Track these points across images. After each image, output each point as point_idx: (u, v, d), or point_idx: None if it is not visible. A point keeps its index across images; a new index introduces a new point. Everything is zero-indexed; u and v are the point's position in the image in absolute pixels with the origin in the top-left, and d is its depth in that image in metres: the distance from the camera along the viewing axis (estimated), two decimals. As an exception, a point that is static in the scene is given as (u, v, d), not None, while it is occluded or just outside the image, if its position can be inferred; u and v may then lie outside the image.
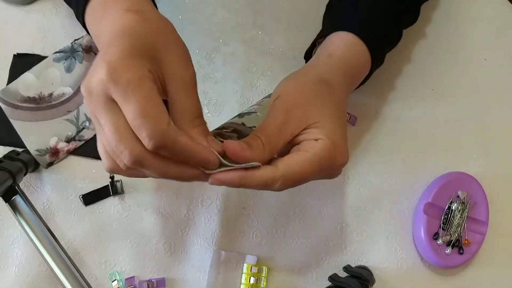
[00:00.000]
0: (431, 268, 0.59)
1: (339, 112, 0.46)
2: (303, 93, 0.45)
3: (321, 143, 0.42)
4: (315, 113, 0.44)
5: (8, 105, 0.58)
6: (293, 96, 0.45)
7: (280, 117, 0.43)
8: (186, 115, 0.39)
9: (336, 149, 0.43)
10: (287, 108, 0.44)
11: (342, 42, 0.51)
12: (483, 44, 0.65)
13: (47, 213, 0.57)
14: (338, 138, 0.43)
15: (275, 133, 0.42)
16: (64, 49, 0.60)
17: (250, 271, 0.56)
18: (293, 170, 0.41)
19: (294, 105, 0.44)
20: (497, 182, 0.62)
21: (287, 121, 0.43)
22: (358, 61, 0.51)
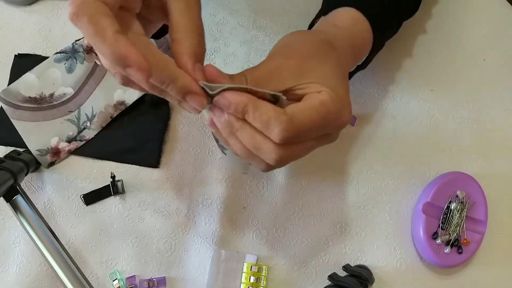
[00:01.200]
0: (430, 267, 0.59)
1: (343, 72, 0.43)
2: (307, 45, 0.43)
3: (327, 94, 0.39)
4: (316, 67, 0.41)
5: (9, 105, 0.59)
6: (296, 45, 0.43)
7: (275, 61, 0.41)
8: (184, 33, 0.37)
9: (342, 102, 0.40)
10: (286, 54, 0.41)
11: (347, 17, 0.50)
12: (482, 44, 0.66)
13: (48, 213, 0.57)
14: (343, 93, 0.41)
15: (264, 75, 0.40)
16: (65, 49, 0.60)
17: (250, 270, 0.57)
18: (299, 116, 0.37)
19: (294, 53, 0.42)
20: (496, 181, 0.62)
21: (282, 66, 0.40)
22: (362, 37, 0.51)
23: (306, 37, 0.45)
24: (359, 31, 0.50)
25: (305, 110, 0.38)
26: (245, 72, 0.40)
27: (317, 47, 0.43)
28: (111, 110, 0.59)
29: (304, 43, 0.43)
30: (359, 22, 0.50)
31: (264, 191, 0.59)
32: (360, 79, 0.63)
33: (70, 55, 0.60)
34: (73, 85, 0.60)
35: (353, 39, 0.49)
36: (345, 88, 0.42)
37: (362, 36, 0.51)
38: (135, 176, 0.59)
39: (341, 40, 0.46)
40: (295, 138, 0.38)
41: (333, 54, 0.43)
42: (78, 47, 0.61)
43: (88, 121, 0.59)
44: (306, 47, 0.43)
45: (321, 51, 0.43)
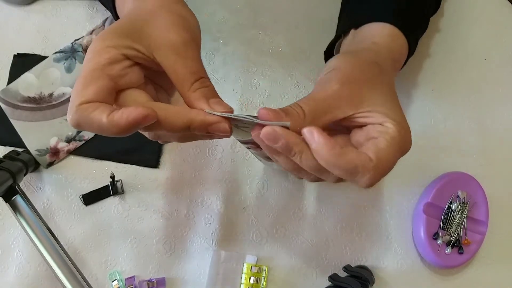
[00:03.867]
0: (430, 268, 0.59)
1: (394, 93, 0.42)
2: (360, 68, 0.41)
3: (394, 127, 0.38)
4: (372, 93, 0.40)
5: (8, 105, 0.58)
6: (348, 71, 0.41)
7: (330, 88, 0.39)
8: (182, 82, 0.38)
9: (406, 130, 0.39)
10: (341, 81, 0.40)
11: (384, 33, 0.49)
12: (483, 44, 0.65)
13: (47, 213, 0.57)
14: (402, 118, 0.40)
15: (322, 105, 0.38)
16: (64, 49, 0.60)
17: (250, 271, 0.57)
18: (383, 160, 0.37)
19: (348, 79, 0.40)
20: (497, 182, 0.62)
21: (340, 94, 0.39)
22: (400, 52, 0.50)
23: (355, 61, 0.43)
24: (398, 46, 0.49)
25: (387, 152, 0.37)
26: (300, 103, 0.38)
27: (369, 71, 0.42)
28: (111, 110, 0.59)
29: (355, 68, 0.42)
30: (396, 38, 0.49)
31: (264, 191, 0.59)
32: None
33: (69, 55, 0.60)
34: (72, 84, 0.59)
35: (393, 55, 0.48)
36: (401, 112, 0.41)
37: (400, 51, 0.50)
38: (135, 176, 0.59)
39: (384, 59, 0.45)
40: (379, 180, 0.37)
41: (384, 78, 0.43)
42: (78, 46, 0.61)
43: (88, 121, 0.59)
44: (358, 72, 0.41)
45: (373, 76, 0.42)
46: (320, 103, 0.39)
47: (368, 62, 0.43)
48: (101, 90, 0.36)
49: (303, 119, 0.37)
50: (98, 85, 0.36)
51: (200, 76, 0.39)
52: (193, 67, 0.38)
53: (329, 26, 0.58)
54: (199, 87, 0.38)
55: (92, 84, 0.36)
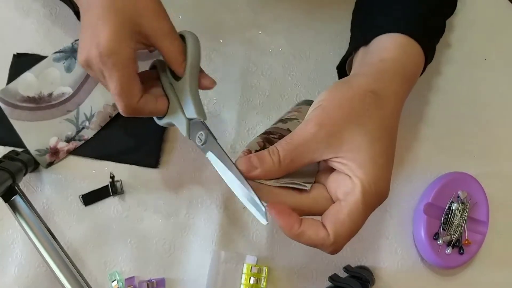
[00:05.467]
0: (431, 268, 0.59)
1: (385, 131, 0.41)
2: (344, 107, 0.40)
3: (360, 185, 0.38)
4: (352, 136, 0.39)
5: (8, 105, 0.58)
6: (332, 109, 0.40)
7: (310, 130, 0.39)
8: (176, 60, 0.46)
9: (377, 185, 0.38)
10: (322, 122, 0.39)
11: (394, 45, 0.46)
12: (483, 44, 0.65)
13: (46, 213, 0.57)
14: (377, 173, 0.38)
15: (299, 148, 0.39)
16: (64, 49, 0.60)
17: (250, 271, 0.56)
18: (343, 235, 0.38)
19: (330, 120, 0.39)
20: (498, 182, 0.61)
21: (317, 137, 0.39)
22: (414, 63, 0.47)
23: (342, 95, 0.41)
24: (411, 57, 0.46)
25: (348, 225, 0.38)
26: (278, 146, 0.39)
27: (359, 107, 0.40)
28: (110, 109, 0.59)
29: (342, 106, 0.40)
30: (408, 48, 0.46)
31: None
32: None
33: (69, 55, 0.60)
34: (72, 84, 0.59)
35: (405, 69, 0.45)
36: (384, 159, 0.40)
37: (414, 62, 0.47)
38: (134, 176, 0.58)
39: (389, 79, 0.43)
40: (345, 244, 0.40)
41: (377, 111, 0.40)
42: (77, 46, 0.60)
43: (87, 121, 0.59)
44: (346, 111, 0.40)
45: (362, 111, 0.40)
46: (297, 147, 0.39)
47: (362, 93, 0.41)
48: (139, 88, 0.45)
49: (278, 168, 0.39)
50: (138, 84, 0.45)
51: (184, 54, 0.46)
52: (180, 47, 0.46)
53: (329, 26, 0.58)
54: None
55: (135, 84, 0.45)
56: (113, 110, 0.59)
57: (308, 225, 0.39)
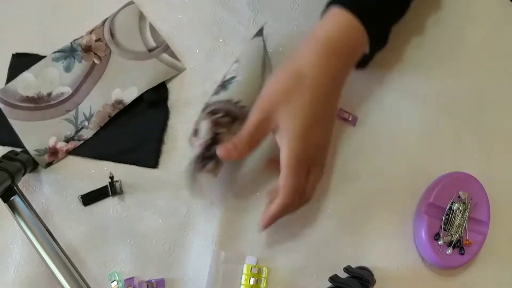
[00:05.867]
0: (432, 268, 0.59)
1: (308, 108, 0.49)
2: (276, 90, 0.50)
3: (284, 157, 0.49)
4: (282, 114, 0.49)
5: (7, 105, 0.58)
6: (268, 93, 0.50)
7: (257, 117, 0.50)
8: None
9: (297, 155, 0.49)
10: (263, 108, 0.50)
11: (333, 22, 0.51)
12: (484, 43, 0.65)
13: (46, 214, 0.57)
14: (297, 143, 0.49)
15: (255, 133, 0.50)
16: (63, 48, 0.60)
17: (250, 271, 0.56)
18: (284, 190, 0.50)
19: (268, 105, 0.50)
20: (499, 182, 0.61)
21: (262, 122, 0.50)
22: (352, 41, 0.51)
23: (279, 77, 0.51)
24: (348, 33, 0.50)
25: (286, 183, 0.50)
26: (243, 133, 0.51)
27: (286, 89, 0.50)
28: (109, 109, 0.59)
29: (275, 90, 0.50)
30: (347, 24, 0.50)
31: (264, 191, 0.59)
32: (361, 79, 0.62)
33: (68, 54, 0.60)
34: (71, 84, 0.59)
35: (339, 47, 0.50)
36: (306, 129, 0.49)
37: (352, 38, 0.50)
38: (134, 177, 0.58)
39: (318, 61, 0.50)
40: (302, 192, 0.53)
41: (301, 92, 0.49)
42: (76, 46, 0.60)
43: (86, 121, 0.59)
44: (277, 93, 0.50)
45: (288, 92, 0.49)
46: (254, 132, 0.50)
47: (290, 75, 0.50)
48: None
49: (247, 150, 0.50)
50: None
51: None
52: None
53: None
54: None
55: None
56: (112, 110, 0.59)
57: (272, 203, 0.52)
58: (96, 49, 0.60)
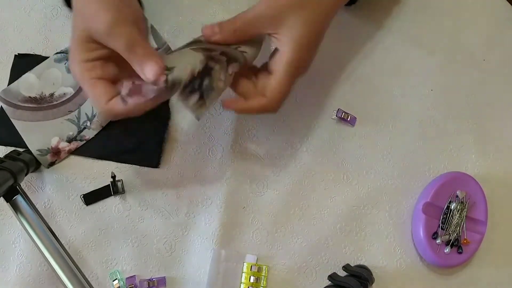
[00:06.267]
0: (430, 267, 0.59)
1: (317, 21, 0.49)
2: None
3: (283, 60, 0.49)
4: (290, 17, 0.48)
5: (10, 105, 0.58)
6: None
7: (261, 8, 0.49)
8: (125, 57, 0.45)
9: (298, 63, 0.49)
10: (269, 4, 0.49)
11: None
12: (483, 44, 0.65)
13: (48, 213, 0.57)
14: (300, 50, 0.49)
15: (251, 20, 0.50)
16: (65, 49, 0.60)
17: (250, 270, 0.57)
18: (275, 96, 0.50)
19: (276, 3, 0.49)
20: (496, 182, 0.62)
21: (265, 15, 0.49)
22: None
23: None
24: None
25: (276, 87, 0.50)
26: (236, 19, 0.50)
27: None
28: (111, 110, 0.59)
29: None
30: None
31: (264, 191, 0.59)
32: (361, 79, 0.63)
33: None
34: (73, 85, 0.60)
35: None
36: (310, 40, 0.49)
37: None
38: (135, 176, 0.59)
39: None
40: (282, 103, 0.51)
41: (311, 3, 0.49)
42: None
43: (88, 121, 0.59)
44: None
45: (300, 1, 0.49)
46: (250, 20, 0.50)
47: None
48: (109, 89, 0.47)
49: (233, 35, 0.50)
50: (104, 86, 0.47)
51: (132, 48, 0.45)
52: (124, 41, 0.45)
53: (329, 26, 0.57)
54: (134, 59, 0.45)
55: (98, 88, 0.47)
56: (114, 110, 0.59)
57: (252, 99, 0.51)
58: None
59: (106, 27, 0.45)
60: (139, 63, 0.45)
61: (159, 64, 0.44)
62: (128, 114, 0.47)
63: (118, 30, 0.45)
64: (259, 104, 0.51)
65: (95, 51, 0.47)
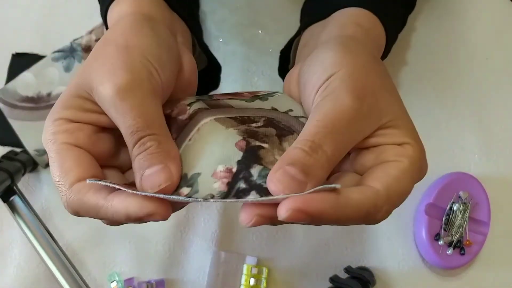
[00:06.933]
0: (432, 269, 0.59)
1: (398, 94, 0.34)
2: (369, 72, 0.32)
3: (413, 150, 0.32)
4: (389, 102, 0.32)
5: (7, 105, 0.58)
6: (361, 75, 0.31)
7: (352, 106, 0.29)
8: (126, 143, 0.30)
9: (424, 154, 0.33)
10: (360, 93, 0.30)
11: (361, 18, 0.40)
12: (485, 43, 0.65)
13: (45, 214, 0.57)
14: (419, 138, 0.33)
15: (344, 134, 0.29)
16: (63, 48, 0.60)
17: (250, 272, 0.56)
18: (395, 190, 0.30)
19: (366, 90, 0.30)
20: (499, 182, 0.61)
21: (358, 112, 0.29)
22: (380, 37, 0.41)
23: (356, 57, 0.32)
24: (376, 30, 0.41)
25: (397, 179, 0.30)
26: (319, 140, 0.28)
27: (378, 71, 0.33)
28: (110, 109, 0.59)
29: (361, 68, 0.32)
30: (374, 24, 0.41)
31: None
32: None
33: (68, 54, 0.60)
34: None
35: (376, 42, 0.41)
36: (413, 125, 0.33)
37: (380, 35, 0.42)
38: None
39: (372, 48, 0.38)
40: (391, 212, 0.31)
41: (387, 75, 0.34)
42: (76, 46, 0.60)
43: (86, 121, 0.59)
44: (370, 76, 0.32)
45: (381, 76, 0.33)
46: (342, 132, 0.29)
47: (369, 56, 0.33)
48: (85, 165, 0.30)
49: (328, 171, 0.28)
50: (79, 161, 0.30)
51: (140, 136, 0.29)
52: (132, 123, 0.29)
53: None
54: (136, 154, 0.30)
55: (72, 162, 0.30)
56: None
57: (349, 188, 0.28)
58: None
59: (113, 92, 0.29)
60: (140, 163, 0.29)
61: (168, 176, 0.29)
62: (102, 218, 0.30)
63: (128, 103, 0.29)
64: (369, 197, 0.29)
65: (86, 113, 0.31)
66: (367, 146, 0.31)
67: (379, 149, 0.31)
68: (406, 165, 0.30)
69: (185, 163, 0.30)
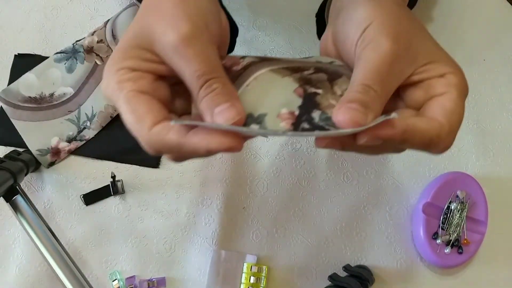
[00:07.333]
0: (430, 267, 0.59)
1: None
2: (398, 17, 0.35)
3: (456, 77, 0.34)
4: (422, 42, 0.35)
5: (9, 105, 0.59)
6: (390, 21, 0.34)
7: (392, 47, 0.32)
8: (191, 89, 0.33)
9: (464, 74, 0.35)
10: (396, 36, 0.33)
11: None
12: (483, 44, 0.65)
13: (48, 213, 0.57)
14: (456, 65, 0.36)
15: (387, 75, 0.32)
16: (65, 49, 0.61)
17: (250, 270, 0.57)
18: (455, 120, 0.33)
19: (398, 31, 0.34)
20: (496, 182, 0.62)
21: (397, 54, 0.33)
22: None
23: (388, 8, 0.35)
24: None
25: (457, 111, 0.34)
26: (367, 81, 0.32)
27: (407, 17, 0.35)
28: (111, 109, 0.59)
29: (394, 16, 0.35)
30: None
31: (264, 191, 0.59)
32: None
33: (70, 55, 0.60)
34: (73, 85, 0.60)
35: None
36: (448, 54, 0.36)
37: None
38: (135, 176, 0.59)
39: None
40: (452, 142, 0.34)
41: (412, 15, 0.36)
42: (79, 47, 0.61)
43: (88, 121, 0.59)
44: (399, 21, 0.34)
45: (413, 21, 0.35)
46: (386, 72, 0.32)
47: (395, 5, 0.36)
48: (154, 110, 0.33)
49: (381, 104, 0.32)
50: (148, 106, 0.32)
51: (206, 79, 0.32)
52: (198, 67, 0.32)
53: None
54: (204, 95, 0.32)
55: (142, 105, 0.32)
56: (114, 110, 0.59)
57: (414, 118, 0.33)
58: (98, 50, 0.61)
59: (177, 40, 0.32)
60: (209, 103, 0.32)
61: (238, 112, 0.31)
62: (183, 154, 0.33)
63: (192, 50, 0.32)
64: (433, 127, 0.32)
65: (146, 62, 0.33)
66: (413, 82, 0.34)
67: (426, 84, 0.34)
68: (456, 94, 0.34)
69: (246, 105, 0.32)
